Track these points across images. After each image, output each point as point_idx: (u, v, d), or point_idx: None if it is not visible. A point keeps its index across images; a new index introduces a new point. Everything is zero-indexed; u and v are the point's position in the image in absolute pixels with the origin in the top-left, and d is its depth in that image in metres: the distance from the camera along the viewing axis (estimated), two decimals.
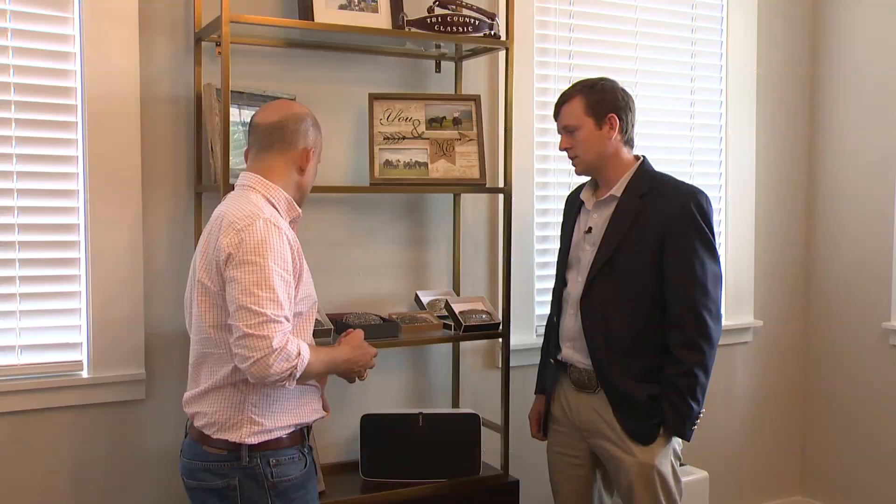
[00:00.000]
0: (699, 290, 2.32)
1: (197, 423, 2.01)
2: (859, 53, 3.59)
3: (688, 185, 2.46)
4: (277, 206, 2.03)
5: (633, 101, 2.47)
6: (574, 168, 2.51)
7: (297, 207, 2.10)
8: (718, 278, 2.38)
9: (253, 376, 1.88)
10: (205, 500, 2.00)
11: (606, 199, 2.45)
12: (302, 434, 2.07)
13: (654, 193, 2.39)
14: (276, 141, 2.06)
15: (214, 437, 1.97)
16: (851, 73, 3.63)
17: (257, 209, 1.95)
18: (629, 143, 2.47)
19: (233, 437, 1.96)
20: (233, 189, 2.10)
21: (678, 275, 2.33)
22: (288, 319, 1.92)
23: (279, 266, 1.90)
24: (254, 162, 2.09)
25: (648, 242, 2.35)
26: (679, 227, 2.34)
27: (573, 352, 2.48)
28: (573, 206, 2.61)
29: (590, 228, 2.47)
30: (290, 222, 2.09)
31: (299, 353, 1.90)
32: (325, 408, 2.16)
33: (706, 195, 2.40)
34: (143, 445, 2.58)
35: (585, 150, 2.43)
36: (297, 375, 1.91)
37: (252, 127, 2.11)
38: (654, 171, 2.46)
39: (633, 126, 2.47)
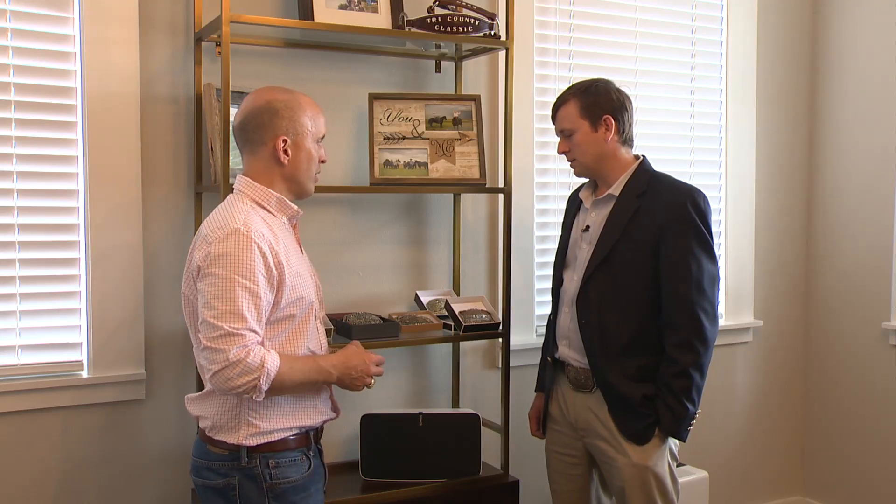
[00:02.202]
0: (695, 289, 2.31)
1: (201, 425, 2.03)
2: (859, 53, 3.59)
3: (686, 184, 2.45)
4: (268, 207, 2.01)
5: (629, 101, 2.46)
6: (573, 170, 2.51)
7: (292, 205, 2.06)
8: (715, 278, 2.36)
9: (216, 388, 1.88)
10: (210, 499, 2.02)
11: (604, 198, 2.45)
12: (308, 436, 2.06)
13: (651, 192, 2.39)
14: (245, 143, 2.03)
15: (216, 437, 1.99)
16: (851, 73, 3.63)
17: (231, 218, 1.92)
18: (628, 142, 2.46)
19: (231, 438, 1.96)
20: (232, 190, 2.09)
21: (674, 274, 2.32)
22: (255, 331, 1.88)
23: (244, 277, 1.86)
24: (244, 164, 2.07)
25: (645, 241, 2.35)
26: (676, 226, 2.33)
27: (569, 349, 2.48)
28: (573, 204, 2.61)
29: (587, 227, 2.47)
30: (290, 220, 2.07)
31: (262, 365, 1.85)
32: (334, 409, 2.15)
33: (704, 195, 2.39)
34: (143, 445, 2.59)
35: (583, 153, 2.43)
36: (264, 387, 1.87)
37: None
38: (653, 171, 2.46)
39: (630, 126, 2.46)
